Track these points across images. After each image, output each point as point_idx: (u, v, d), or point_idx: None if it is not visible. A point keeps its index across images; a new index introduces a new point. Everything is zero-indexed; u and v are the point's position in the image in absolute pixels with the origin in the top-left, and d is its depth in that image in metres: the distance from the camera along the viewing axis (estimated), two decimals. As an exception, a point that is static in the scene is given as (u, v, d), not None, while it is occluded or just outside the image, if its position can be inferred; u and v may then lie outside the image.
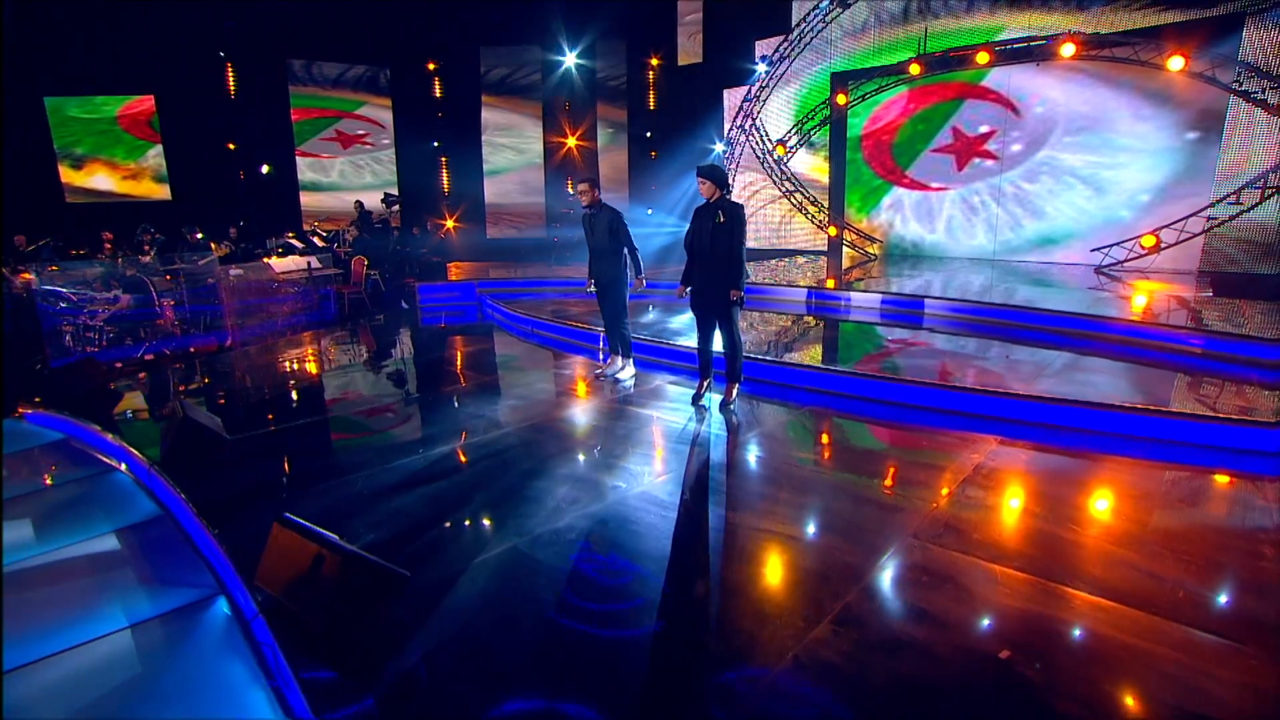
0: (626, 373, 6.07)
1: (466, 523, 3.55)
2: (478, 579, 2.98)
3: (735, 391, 5.21)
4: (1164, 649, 2.41)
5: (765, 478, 4.20)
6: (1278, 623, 2.54)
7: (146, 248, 10.59)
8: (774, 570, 3.07)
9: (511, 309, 8.75)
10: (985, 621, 2.62)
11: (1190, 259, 9.39)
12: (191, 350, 7.96)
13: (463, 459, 4.42)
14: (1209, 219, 9.06)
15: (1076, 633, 2.53)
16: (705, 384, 5.33)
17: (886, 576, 2.90)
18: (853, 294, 8.81)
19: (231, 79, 12.61)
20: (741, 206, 4.89)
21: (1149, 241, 9.59)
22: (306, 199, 13.90)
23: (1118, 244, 9.96)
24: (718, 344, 5.17)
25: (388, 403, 5.99)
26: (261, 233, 12.47)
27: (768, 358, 6.02)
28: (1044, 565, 2.95)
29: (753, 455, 4.51)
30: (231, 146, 12.74)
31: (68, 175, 12.47)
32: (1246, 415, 4.29)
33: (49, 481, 4.65)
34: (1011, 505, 3.58)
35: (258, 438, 5.07)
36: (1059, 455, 4.27)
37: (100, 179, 12.58)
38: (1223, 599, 2.73)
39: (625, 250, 5.59)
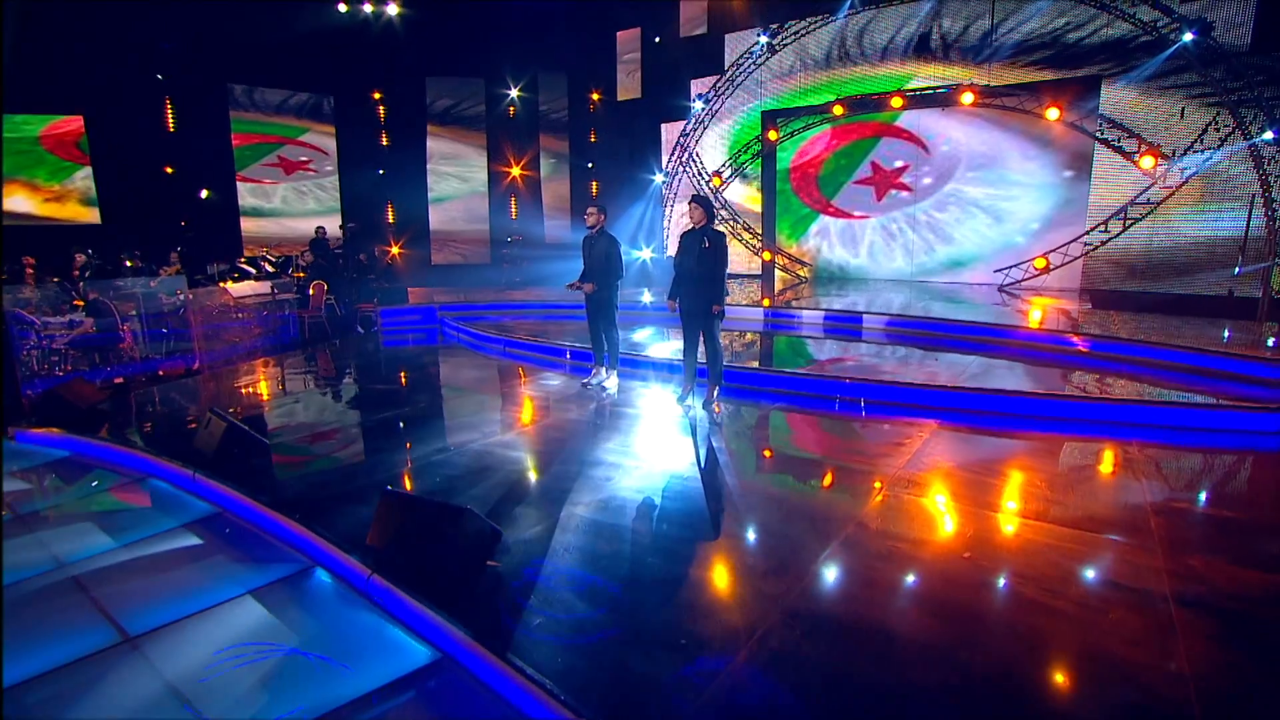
0: (611, 382, 6.86)
1: (529, 498, 4.23)
2: (556, 535, 3.69)
3: (716, 392, 6.11)
4: (1072, 545, 3.46)
5: (758, 456, 5.11)
6: (1144, 526, 3.65)
7: (75, 272, 10.48)
8: (785, 516, 3.95)
9: (482, 330, 9.37)
10: (948, 536, 3.60)
11: (1073, 278, 11.19)
12: (160, 373, 8.12)
13: (494, 454, 5.07)
14: (1085, 244, 10.88)
15: (1012, 538, 3.55)
16: (689, 387, 6.21)
17: (872, 515, 3.84)
18: (803, 311, 10.00)
19: (169, 102, 12.64)
20: (724, 235, 5.83)
21: (1040, 263, 11.35)
22: (248, 224, 13.93)
23: (1015, 265, 11.70)
24: (701, 353, 6.07)
25: (395, 412, 6.52)
26: (201, 258, 12.47)
27: (740, 365, 6.98)
28: (982, 500, 3.99)
29: (743, 440, 5.42)
30: (169, 170, 12.70)
31: (-19, 197, 12.05)
32: (1117, 396, 5.61)
33: (74, 493, 4.94)
34: (954, 466, 4.64)
35: (289, 444, 5.52)
36: (984, 433, 5.41)
37: (18, 200, 12.23)
38: (1109, 514, 3.84)
39: (614, 271, 6.42)
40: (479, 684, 2.77)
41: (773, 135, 13.93)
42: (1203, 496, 4.27)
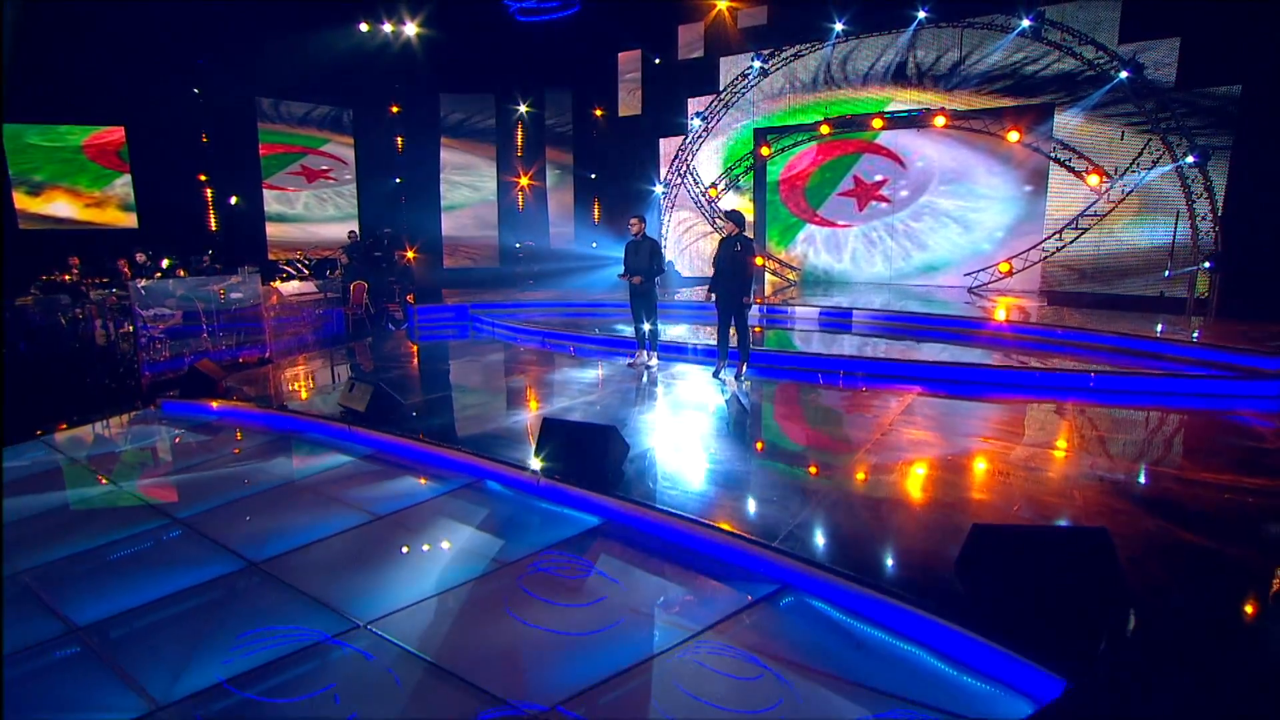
0: (654, 361, 8.49)
1: (626, 431, 5.78)
2: (656, 452, 5.30)
3: (745, 368, 7.77)
4: (1024, 456, 5.20)
5: (785, 412, 6.79)
6: (1081, 445, 5.40)
7: (127, 271, 11.75)
8: (821, 442, 5.62)
9: (520, 324, 10.92)
10: (932, 453, 5.31)
11: (1033, 280, 13.18)
12: (240, 360, 9.48)
13: (582, 409, 6.63)
14: (1043, 251, 12.89)
15: (984, 451, 5.28)
16: (722, 363, 7.86)
17: (878, 443, 5.52)
18: (800, 308, 11.78)
19: (203, 114, 13.96)
20: (753, 240, 7.53)
21: (1005, 268, 13.33)
22: (272, 229, 15.25)
23: (982, 270, 13.68)
24: (733, 336, 7.73)
25: (477, 384, 8.03)
26: (230, 260, 13.76)
27: (756, 349, 8.67)
28: (956, 431, 5.75)
29: (771, 401, 7.10)
30: (202, 178, 13.99)
31: (22, 201, 13.17)
32: (1060, 368, 7.46)
33: (249, 443, 6.35)
34: (936, 414, 6.37)
35: (414, 404, 6.99)
36: (957, 398, 7.17)
37: (60, 206, 13.38)
38: (1048, 437, 5.60)
39: (655, 269, 8.07)
40: (634, 531, 4.36)
41: (764, 151, 15.77)
42: (1123, 431, 6.07)
